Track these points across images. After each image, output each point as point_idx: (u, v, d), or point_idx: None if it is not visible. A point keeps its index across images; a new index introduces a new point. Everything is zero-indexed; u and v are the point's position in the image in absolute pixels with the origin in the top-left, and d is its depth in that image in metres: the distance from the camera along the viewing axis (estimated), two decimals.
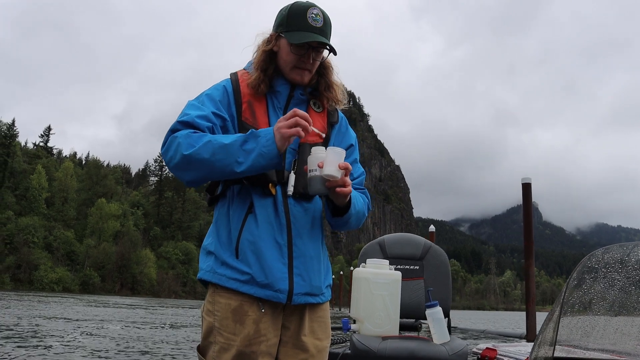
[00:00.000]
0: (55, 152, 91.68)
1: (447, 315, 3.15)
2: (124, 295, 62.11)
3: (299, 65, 1.62)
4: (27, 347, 7.66)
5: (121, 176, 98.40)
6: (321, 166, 1.47)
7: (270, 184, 1.55)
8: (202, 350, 1.57)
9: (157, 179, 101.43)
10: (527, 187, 6.46)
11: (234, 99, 1.62)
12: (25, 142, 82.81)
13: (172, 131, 1.52)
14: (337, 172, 1.47)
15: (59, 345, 8.27)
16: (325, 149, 1.51)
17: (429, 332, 2.96)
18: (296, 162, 1.59)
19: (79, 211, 74.25)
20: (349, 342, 2.96)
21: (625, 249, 1.37)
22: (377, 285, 2.94)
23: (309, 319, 1.61)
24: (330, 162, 1.46)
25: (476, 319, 37.93)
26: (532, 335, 6.01)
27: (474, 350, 3.35)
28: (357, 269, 3.04)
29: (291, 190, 1.54)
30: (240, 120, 1.60)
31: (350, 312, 3.08)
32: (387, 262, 3.07)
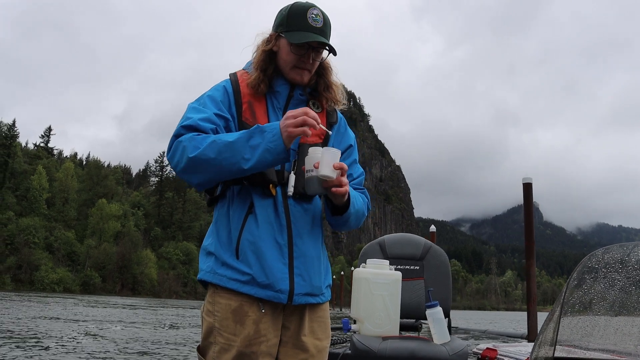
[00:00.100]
0: (55, 152, 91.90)
1: (447, 315, 3.15)
2: (124, 295, 62.13)
3: (298, 65, 1.62)
4: (24, 348, 7.62)
5: (122, 177, 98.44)
6: (317, 167, 1.48)
7: (270, 185, 1.56)
8: (202, 350, 1.57)
9: (157, 179, 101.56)
10: (528, 187, 6.46)
11: (234, 99, 1.62)
12: (25, 143, 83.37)
13: (176, 136, 1.52)
14: (333, 173, 1.48)
15: (56, 346, 8.23)
16: (321, 149, 1.52)
17: (430, 332, 2.96)
18: (296, 162, 1.59)
19: (79, 212, 74.32)
20: (349, 342, 2.96)
21: (625, 249, 1.37)
22: (377, 285, 2.94)
23: (309, 319, 1.61)
24: (325, 163, 1.48)
25: (477, 319, 37.88)
26: (533, 335, 6.01)
27: (474, 350, 3.34)
28: (357, 269, 3.04)
29: (291, 190, 1.54)
30: (240, 120, 1.60)
31: (350, 312, 3.08)
32: (387, 262, 3.07)
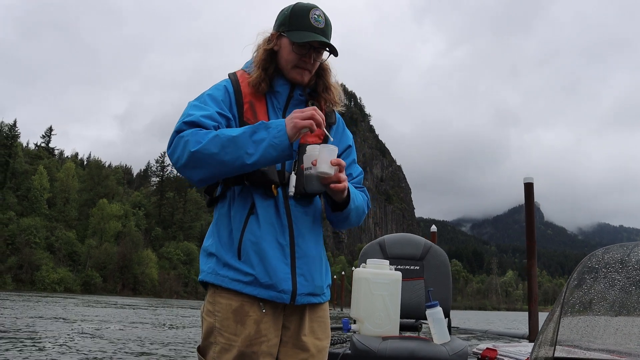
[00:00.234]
0: (56, 152, 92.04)
1: (447, 315, 3.15)
2: (125, 295, 62.10)
3: (299, 64, 1.63)
4: (20, 349, 7.53)
5: (123, 177, 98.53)
6: (315, 164, 1.49)
7: (272, 185, 1.55)
8: (203, 350, 1.57)
9: (158, 179, 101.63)
10: (529, 187, 6.45)
11: (235, 99, 1.62)
12: (26, 143, 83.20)
13: (177, 132, 1.51)
14: (330, 169, 1.49)
15: (52, 346, 8.14)
16: (319, 146, 1.52)
17: (430, 332, 2.96)
18: (296, 163, 1.59)
19: (80, 212, 74.38)
20: (349, 342, 2.95)
21: (625, 249, 1.37)
22: (377, 285, 2.94)
23: (309, 319, 1.61)
24: (323, 160, 1.48)
25: (478, 319, 37.86)
26: (534, 335, 6.00)
27: (474, 350, 3.34)
28: (357, 269, 3.04)
29: (292, 191, 1.55)
30: (242, 120, 1.60)
31: (350, 312, 3.08)
32: (387, 262, 3.08)
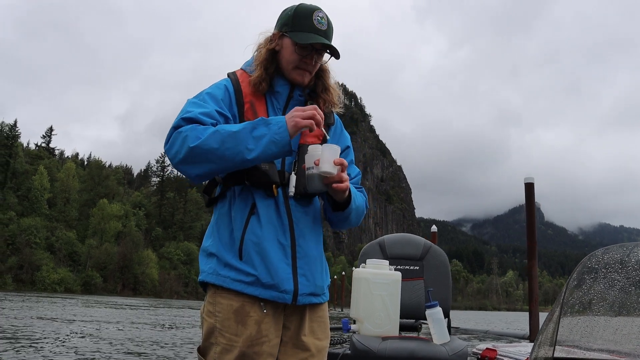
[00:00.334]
0: (57, 152, 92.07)
1: (447, 315, 3.15)
2: (125, 295, 62.08)
3: (301, 65, 1.63)
4: (17, 349, 7.46)
5: (123, 177, 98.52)
6: (317, 164, 1.49)
7: (273, 185, 1.55)
8: (203, 351, 1.57)
9: (159, 179, 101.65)
10: (529, 187, 6.42)
11: (235, 99, 1.62)
12: (27, 143, 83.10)
13: (175, 128, 1.50)
14: (333, 169, 1.49)
15: (50, 346, 8.08)
16: (321, 146, 1.52)
17: (429, 332, 2.95)
18: (296, 163, 1.60)
19: (80, 212, 74.37)
20: (349, 342, 2.95)
21: (625, 249, 1.37)
22: (377, 285, 2.94)
23: (309, 319, 1.61)
24: (326, 159, 1.48)
25: (478, 319, 37.82)
26: (535, 335, 5.99)
27: (474, 350, 3.34)
28: (356, 270, 3.04)
29: (292, 191, 1.55)
30: (242, 120, 1.60)
31: (350, 312, 3.08)
32: (387, 262, 3.08)
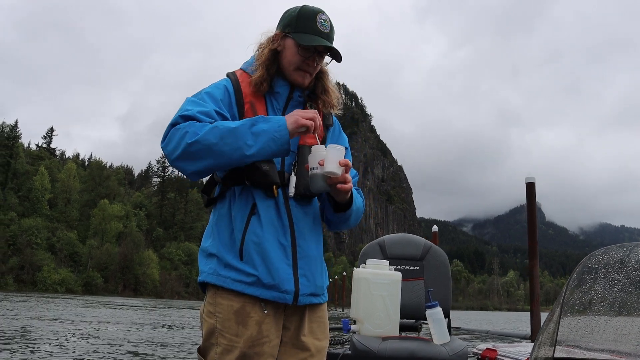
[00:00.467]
0: (58, 153, 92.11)
1: (447, 315, 3.15)
2: (126, 296, 62.06)
3: (302, 67, 1.63)
4: (14, 350, 7.38)
5: (124, 177, 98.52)
6: (322, 164, 1.48)
7: (274, 186, 1.55)
8: (203, 351, 1.56)
9: (159, 180, 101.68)
10: (531, 187, 6.41)
11: (235, 99, 1.61)
12: (28, 144, 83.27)
13: (172, 125, 1.49)
14: (338, 169, 1.49)
15: (47, 347, 8.02)
16: (325, 147, 1.52)
17: (430, 332, 2.95)
18: (296, 164, 1.60)
19: (81, 212, 74.40)
20: (349, 342, 2.95)
21: (625, 249, 1.37)
22: (377, 285, 2.94)
23: (308, 320, 1.61)
24: (331, 160, 1.48)
25: (479, 319, 37.83)
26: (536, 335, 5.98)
27: (474, 350, 3.34)
28: (357, 270, 3.04)
29: (292, 192, 1.55)
30: None
31: (350, 312, 3.07)
32: (387, 262, 3.08)
